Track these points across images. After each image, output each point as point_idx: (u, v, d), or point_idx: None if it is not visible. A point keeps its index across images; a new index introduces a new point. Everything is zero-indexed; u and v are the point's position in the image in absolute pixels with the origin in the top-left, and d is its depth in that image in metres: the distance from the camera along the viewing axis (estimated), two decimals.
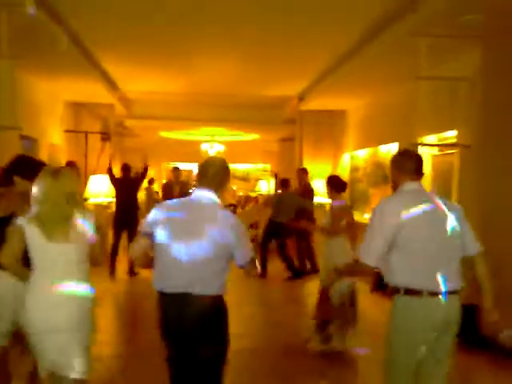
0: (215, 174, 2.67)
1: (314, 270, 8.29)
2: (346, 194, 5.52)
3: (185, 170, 19.78)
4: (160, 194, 11.05)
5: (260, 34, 6.09)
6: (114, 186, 8.23)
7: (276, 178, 15.55)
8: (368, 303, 6.08)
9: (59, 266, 2.61)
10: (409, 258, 2.56)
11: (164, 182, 12.00)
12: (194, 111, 11.22)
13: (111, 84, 8.72)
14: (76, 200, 2.69)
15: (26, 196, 2.82)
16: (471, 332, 4.82)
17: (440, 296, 2.52)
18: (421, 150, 6.73)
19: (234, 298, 5.83)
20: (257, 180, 17.89)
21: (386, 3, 4.89)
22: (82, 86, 8.23)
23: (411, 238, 2.55)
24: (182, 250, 2.55)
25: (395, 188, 2.77)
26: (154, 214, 2.68)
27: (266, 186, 16.74)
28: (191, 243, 2.54)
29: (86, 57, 6.85)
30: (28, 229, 2.60)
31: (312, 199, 8.65)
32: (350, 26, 5.66)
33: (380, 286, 6.51)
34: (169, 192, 8.85)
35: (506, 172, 4.74)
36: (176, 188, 8.95)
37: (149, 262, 2.67)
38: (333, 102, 9.45)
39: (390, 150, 7.95)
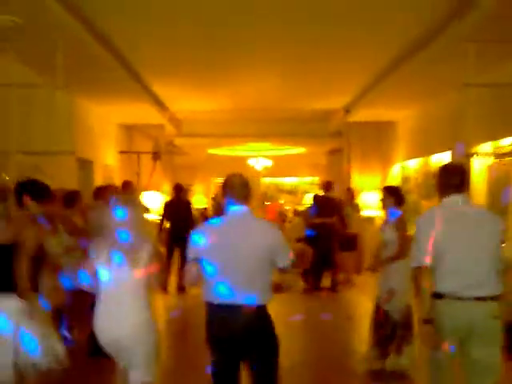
0: (243, 189, 2.84)
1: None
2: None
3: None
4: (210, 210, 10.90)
5: (303, 48, 6.12)
6: (167, 209, 8.33)
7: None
8: None
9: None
10: (440, 266, 2.74)
11: (212, 197, 11.60)
12: (240, 127, 11.38)
13: (161, 105, 9.02)
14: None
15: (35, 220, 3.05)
16: None
17: (466, 300, 2.68)
18: (476, 160, 6.50)
19: (281, 310, 5.85)
20: (304, 193, 17.82)
21: (433, 10, 4.78)
22: (133, 109, 8.56)
23: (443, 247, 2.74)
24: (228, 263, 2.71)
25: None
26: (197, 238, 2.84)
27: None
28: (236, 256, 2.70)
29: (136, 80, 7.13)
30: None
31: (328, 214, 8.15)
32: (393, 37, 5.58)
33: None
34: (220, 208, 8.88)
35: None
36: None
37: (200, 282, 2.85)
38: (380, 113, 9.30)
39: (443, 159, 7.71)
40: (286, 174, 17.81)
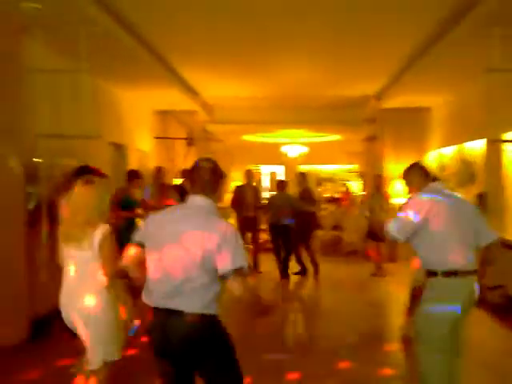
0: (206, 177, 2.48)
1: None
2: None
3: (258, 173, 19.76)
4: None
5: (335, 34, 6.05)
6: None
7: (363, 179, 15.23)
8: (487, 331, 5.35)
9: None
10: (439, 245, 3.04)
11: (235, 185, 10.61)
12: (273, 114, 11.38)
13: (192, 91, 9.15)
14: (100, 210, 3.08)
15: None
16: None
17: (468, 275, 3.02)
18: (505, 147, 6.27)
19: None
20: (343, 181, 17.68)
21: None
22: (166, 95, 8.73)
23: (438, 226, 3.03)
24: (163, 261, 2.37)
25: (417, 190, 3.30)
26: (144, 224, 2.57)
27: (355, 187, 16.50)
28: (173, 254, 2.34)
29: (165, 66, 7.26)
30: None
31: (311, 201, 8.45)
32: (423, 20, 5.42)
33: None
34: (240, 196, 8.73)
35: None
36: (249, 191, 8.78)
37: (142, 272, 2.50)
38: (413, 100, 9.07)
39: (476, 147, 7.47)
40: (323, 161, 17.65)
